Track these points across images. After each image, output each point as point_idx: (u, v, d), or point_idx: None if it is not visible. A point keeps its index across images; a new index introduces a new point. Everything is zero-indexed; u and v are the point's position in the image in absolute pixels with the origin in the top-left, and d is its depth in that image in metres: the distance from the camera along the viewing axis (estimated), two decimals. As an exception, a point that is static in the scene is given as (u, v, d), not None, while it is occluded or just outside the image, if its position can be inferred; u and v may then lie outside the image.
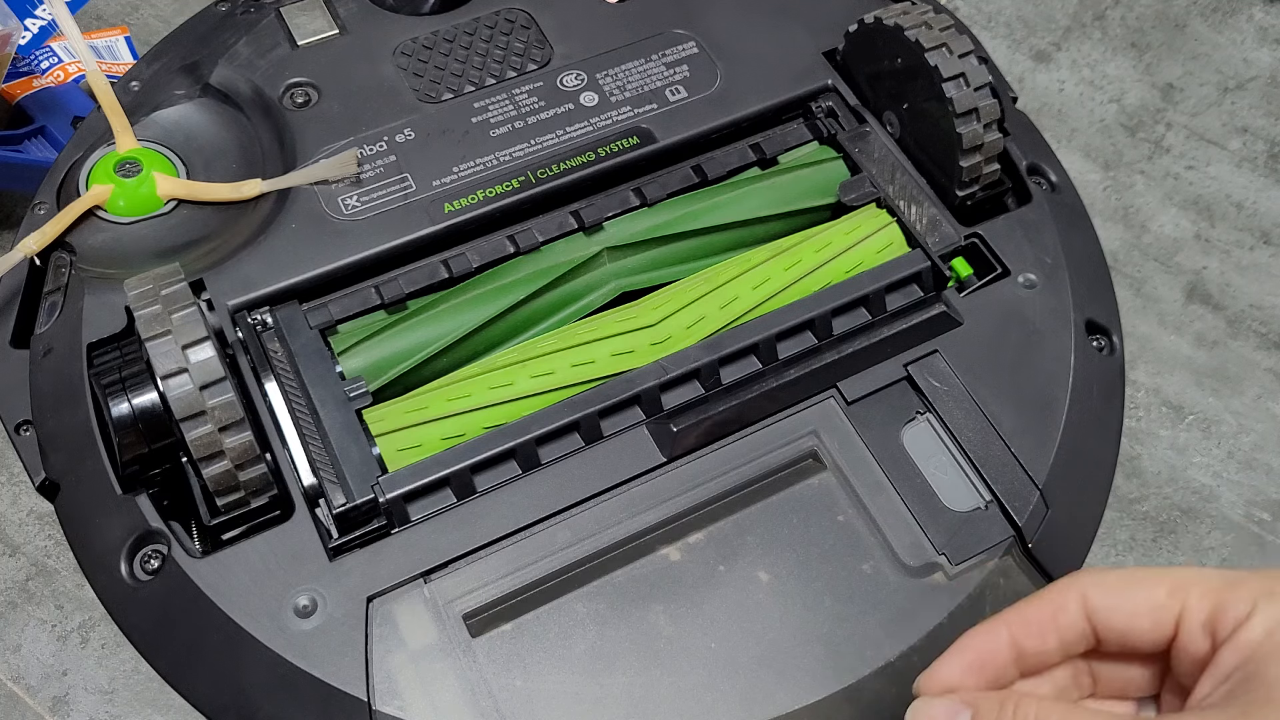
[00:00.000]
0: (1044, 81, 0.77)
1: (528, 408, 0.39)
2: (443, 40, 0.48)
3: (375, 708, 0.34)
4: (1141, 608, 0.28)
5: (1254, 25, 0.80)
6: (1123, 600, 0.28)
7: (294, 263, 0.41)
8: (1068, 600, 0.28)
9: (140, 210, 0.43)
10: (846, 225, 0.44)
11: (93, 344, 0.39)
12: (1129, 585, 0.28)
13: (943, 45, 0.42)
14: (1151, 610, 0.28)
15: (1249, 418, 0.63)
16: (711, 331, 0.41)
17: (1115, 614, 0.28)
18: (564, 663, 0.35)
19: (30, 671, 0.55)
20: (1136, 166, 0.74)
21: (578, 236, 0.44)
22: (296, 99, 0.46)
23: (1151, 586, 0.28)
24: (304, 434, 0.37)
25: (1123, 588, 0.28)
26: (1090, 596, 0.28)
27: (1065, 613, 0.28)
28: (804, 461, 0.39)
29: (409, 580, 0.36)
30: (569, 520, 0.37)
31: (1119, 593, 0.28)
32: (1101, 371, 0.42)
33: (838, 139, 0.46)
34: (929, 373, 0.40)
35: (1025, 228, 0.44)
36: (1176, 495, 0.60)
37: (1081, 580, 0.28)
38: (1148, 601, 0.28)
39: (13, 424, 0.40)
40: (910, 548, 0.37)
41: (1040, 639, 0.28)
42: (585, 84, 0.47)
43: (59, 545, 0.58)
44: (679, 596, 0.36)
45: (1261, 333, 0.66)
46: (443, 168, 0.44)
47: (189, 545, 0.37)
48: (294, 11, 0.48)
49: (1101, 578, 0.28)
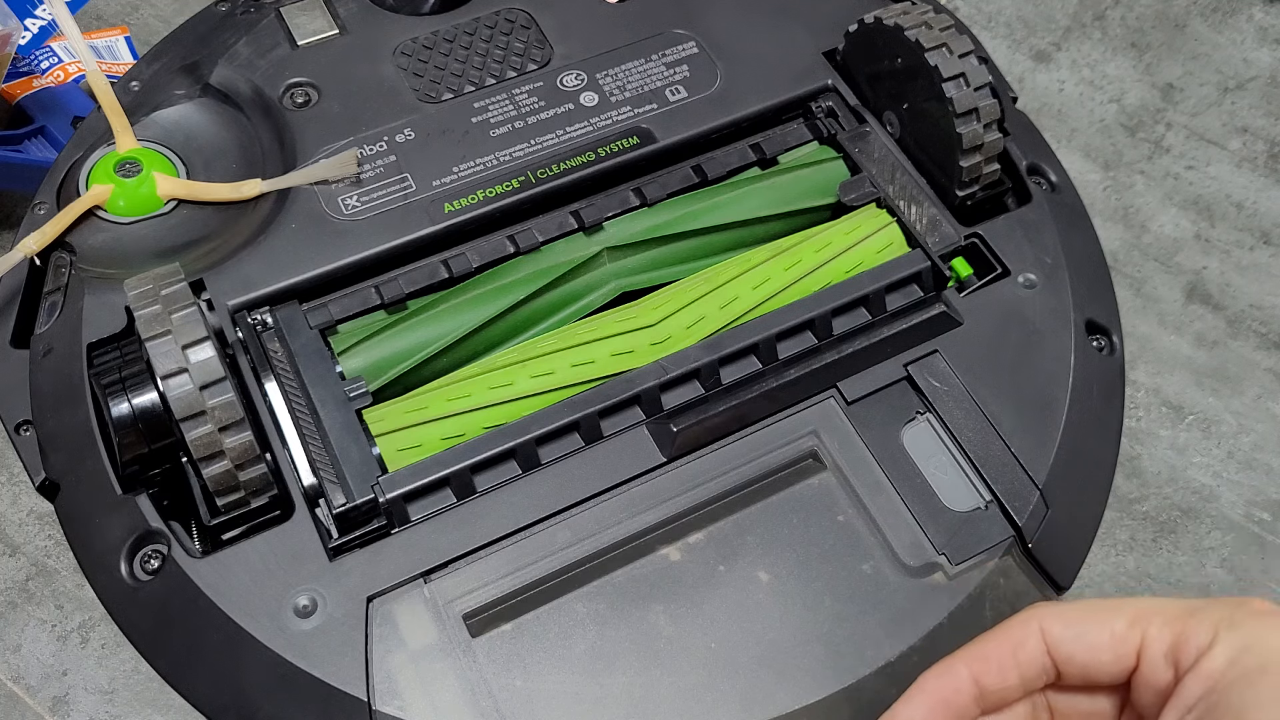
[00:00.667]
0: (1044, 81, 0.77)
1: (528, 408, 0.39)
2: (443, 40, 0.48)
3: (375, 708, 0.34)
4: (1102, 639, 0.27)
5: (1254, 25, 0.80)
6: (1083, 632, 0.28)
7: (294, 263, 0.41)
8: (1027, 635, 0.28)
9: (140, 210, 0.43)
10: (846, 225, 0.44)
11: (93, 344, 0.39)
12: (1088, 617, 0.28)
13: (943, 45, 0.42)
14: (1112, 642, 0.27)
15: (1249, 418, 0.63)
16: (711, 331, 0.41)
17: (1076, 646, 0.28)
18: (564, 663, 0.35)
19: (30, 671, 0.55)
20: (1136, 166, 0.74)
21: (578, 236, 0.44)
22: (296, 99, 0.46)
23: (1111, 618, 0.28)
24: (304, 434, 0.37)
25: (1082, 620, 0.28)
26: (1049, 630, 0.28)
27: (1024, 648, 0.28)
28: (804, 461, 0.39)
29: (409, 580, 0.36)
30: (569, 520, 0.37)
31: (1078, 625, 0.28)
32: (1101, 371, 0.42)
33: (838, 139, 0.46)
34: (929, 373, 0.40)
35: (1025, 228, 0.44)
36: (1176, 495, 0.60)
37: (1039, 613, 0.28)
38: (1108, 633, 0.27)
39: (13, 424, 0.40)
40: (910, 548, 0.37)
41: (1001, 676, 0.28)
42: (585, 84, 0.47)
43: (59, 545, 0.58)
44: (679, 596, 0.36)
45: (1261, 333, 0.66)
46: (443, 168, 0.44)
47: (189, 545, 0.37)
48: (294, 11, 0.48)
49: (1060, 610, 0.28)
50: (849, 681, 0.35)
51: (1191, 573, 0.58)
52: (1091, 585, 0.57)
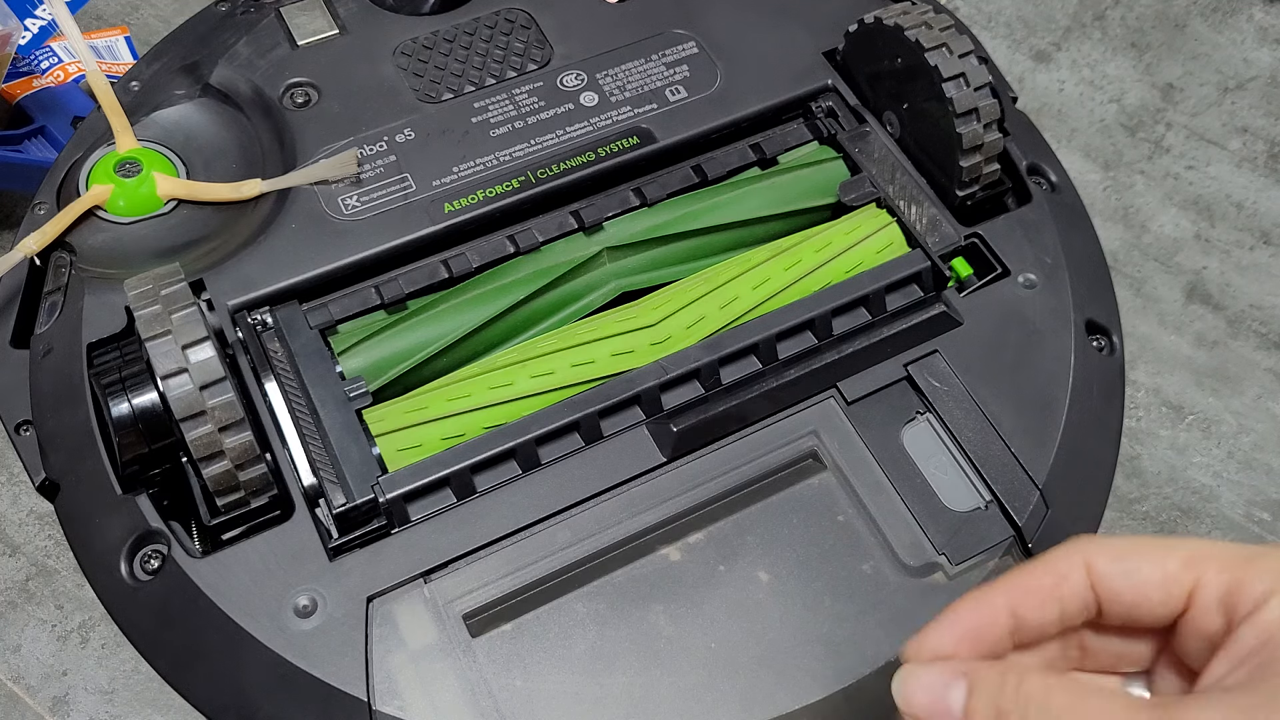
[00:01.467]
0: (1044, 81, 0.77)
1: (528, 408, 0.39)
2: (443, 40, 0.48)
3: (375, 708, 0.34)
4: (1153, 578, 0.26)
5: (1254, 25, 0.80)
6: (1133, 569, 0.26)
7: (294, 263, 0.41)
8: (1072, 568, 0.26)
9: (140, 210, 0.43)
10: (846, 225, 0.44)
11: (93, 344, 0.39)
12: (1138, 554, 0.26)
13: (943, 45, 0.42)
14: (1164, 581, 0.26)
15: (1249, 418, 0.63)
16: (711, 331, 0.41)
17: (1124, 583, 0.26)
18: (564, 663, 0.35)
19: (30, 671, 0.55)
20: (1136, 166, 0.74)
21: (578, 236, 0.44)
22: (296, 99, 0.46)
23: (1164, 556, 0.26)
24: (304, 434, 0.37)
25: (1133, 555, 0.26)
26: (1096, 564, 0.26)
27: (1068, 582, 0.26)
28: (804, 461, 0.39)
29: (409, 580, 0.36)
30: (569, 520, 0.37)
31: (1128, 561, 0.26)
32: (1101, 371, 0.41)
33: (838, 139, 0.46)
34: (929, 373, 0.40)
35: (1025, 228, 0.44)
36: (1176, 495, 0.60)
37: (1086, 547, 0.27)
38: (1160, 572, 0.26)
39: (13, 424, 0.40)
40: (910, 548, 0.37)
41: (1040, 610, 0.26)
42: (585, 84, 0.47)
43: (59, 545, 0.58)
44: (679, 596, 0.36)
45: (1261, 333, 0.66)
46: (443, 168, 0.44)
47: (189, 545, 0.37)
48: (294, 11, 0.48)
49: (1108, 545, 0.26)
50: (849, 681, 0.35)
51: (1191, 573, 0.58)
52: (1091, 585, 0.57)
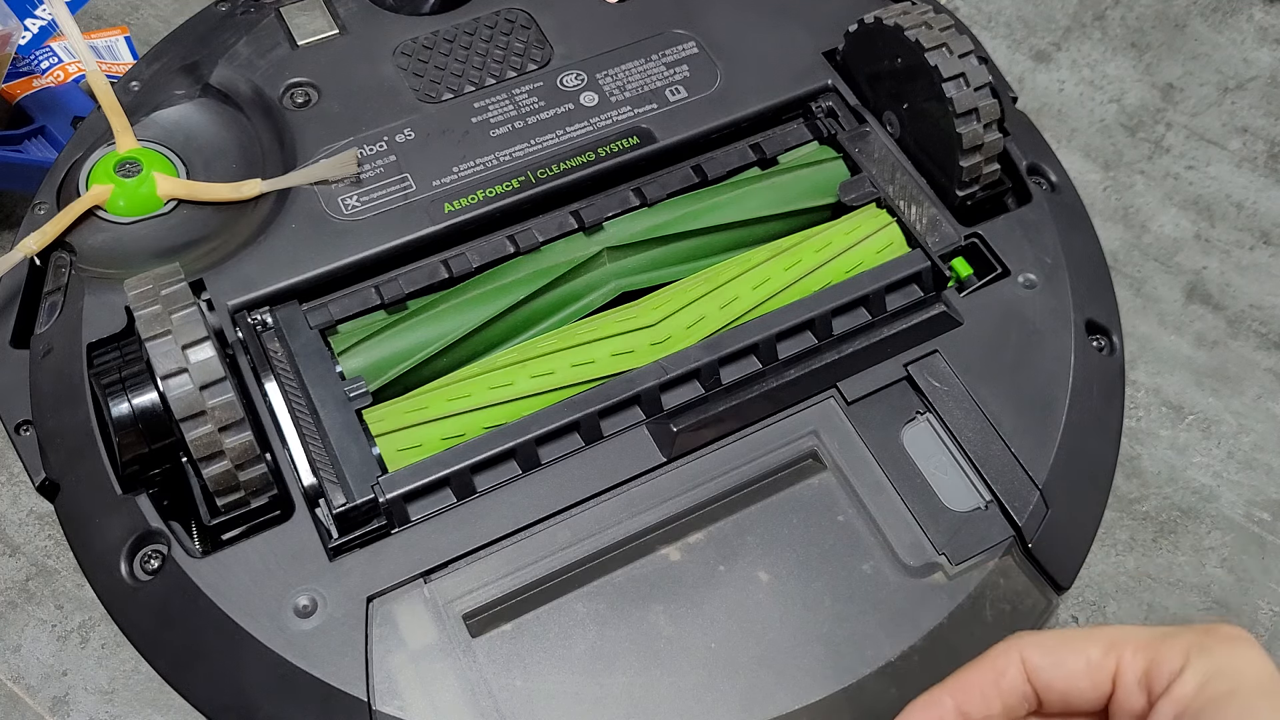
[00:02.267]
0: (1044, 81, 0.77)
1: (528, 408, 0.39)
2: (443, 40, 0.48)
3: (375, 708, 0.34)
4: (1079, 667, 0.28)
5: (1254, 25, 0.80)
6: (1060, 660, 0.29)
7: (294, 263, 0.41)
8: (1008, 664, 0.29)
9: (140, 210, 0.43)
10: (846, 225, 0.44)
11: (93, 344, 0.39)
12: (1065, 645, 0.29)
13: (943, 45, 0.42)
14: (1089, 669, 0.28)
15: (1249, 418, 0.63)
16: (711, 331, 0.41)
17: (1054, 674, 0.29)
18: (564, 663, 0.35)
19: (30, 671, 0.55)
20: (1136, 166, 0.74)
21: (578, 236, 0.44)
22: (296, 99, 0.46)
23: (1087, 645, 0.28)
24: (304, 434, 0.37)
25: (1059, 648, 0.29)
26: (1029, 658, 0.29)
27: (1006, 677, 0.29)
28: (804, 461, 0.39)
29: (409, 580, 0.36)
30: (569, 520, 0.37)
31: (1056, 653, 0.29)
32: (1101, 371, 0.42)
33: (838, 139, 0.46)
34: (929, 373, 0.40)
35: (1025, 228, 0.44)
36: (1176, 495, 0.60)
37: (1019, 642, 0.29)
38: (1084, 660, 0.28)
39: (13, 424, 0.40)
40: (910, 548, 0.37)
41: (984, 704, 0.29)
42: (585, 84, 0.47)
43: (59, 545, 0.58)
44: (679, 596, 0.36)
45: (1261, 333, 0.66)
46: (443, 168, 0.44)
47: (189, 545, 0.37)
48: (294, 11, 0.48)
49: (1039, 639, 0.29)
50: (849, 681, 0.35)
51: (1191, 573, 0.58)
52: (1091, 585, 0.57)
